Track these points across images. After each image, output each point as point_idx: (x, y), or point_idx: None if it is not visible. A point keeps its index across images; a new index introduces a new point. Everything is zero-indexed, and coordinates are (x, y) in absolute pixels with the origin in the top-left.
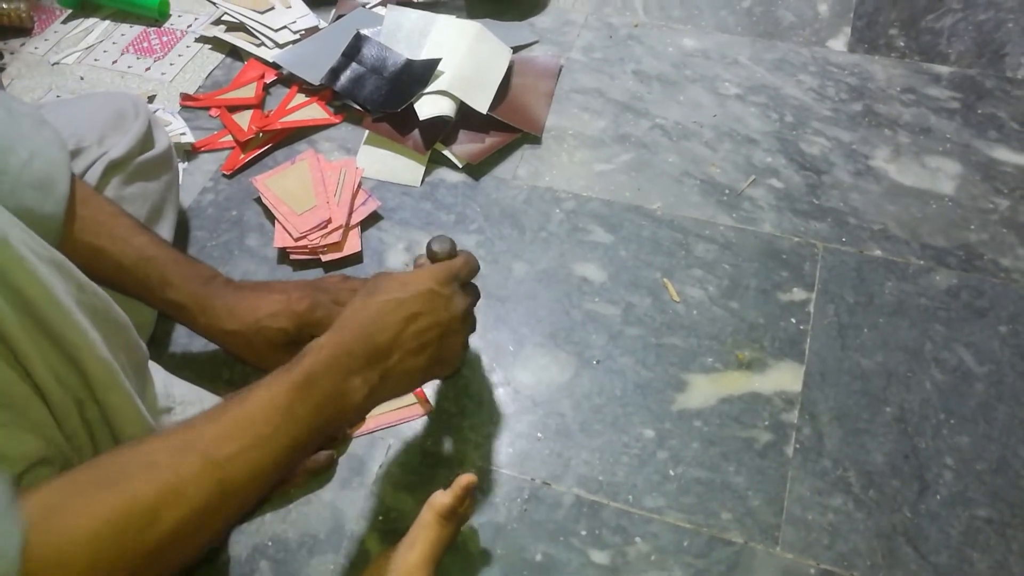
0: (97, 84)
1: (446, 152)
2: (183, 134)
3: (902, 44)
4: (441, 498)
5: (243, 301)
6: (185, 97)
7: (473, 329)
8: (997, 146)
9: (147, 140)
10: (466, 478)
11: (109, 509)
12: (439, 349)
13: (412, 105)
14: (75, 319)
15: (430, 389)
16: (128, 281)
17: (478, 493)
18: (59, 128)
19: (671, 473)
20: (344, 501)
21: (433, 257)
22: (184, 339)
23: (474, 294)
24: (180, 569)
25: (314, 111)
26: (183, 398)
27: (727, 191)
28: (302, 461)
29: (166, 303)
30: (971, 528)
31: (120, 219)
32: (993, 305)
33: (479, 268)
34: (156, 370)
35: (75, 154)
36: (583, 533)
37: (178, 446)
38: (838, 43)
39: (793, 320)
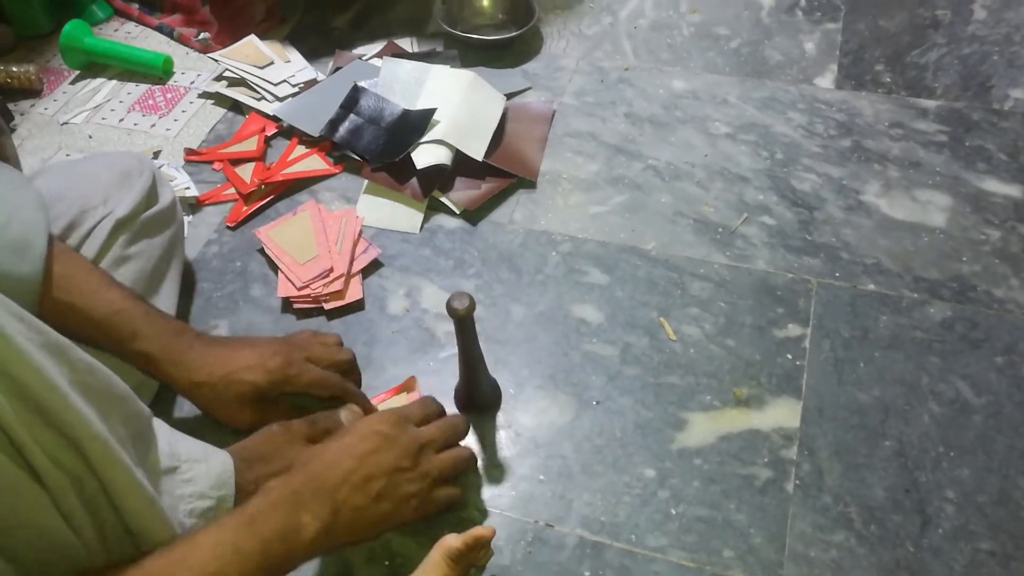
0: (105, 142)
1: (444, 199)
2: (187, 188)
3: (888, 80)
4: (451, 540)
5: (214, 354)
6: (189, 152)
7: (446, 473)
8: (986, 177)
9: (151, 196)
10: (482, 530)
11: None
12: (392, 487)
13: (409, 154)
14: (71, 402)
15: None
16: (99, 335)
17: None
18: (65, 189)
19: (673, 512)
20: (350, 548)
21: (453, 314)
22: None
23: (459, 456)
24: None
25: (314, 162)
26: (189, 455)
27: (720, 229)
28: None
29: (135, 355)
30: (974, 561)
31: (92, 275)
32: (988, 336)
33: (439, 408)
34: (161, 428)
35: (81, 215)
36: (587, 574)
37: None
38: (825, 80)
39: (789, 356)
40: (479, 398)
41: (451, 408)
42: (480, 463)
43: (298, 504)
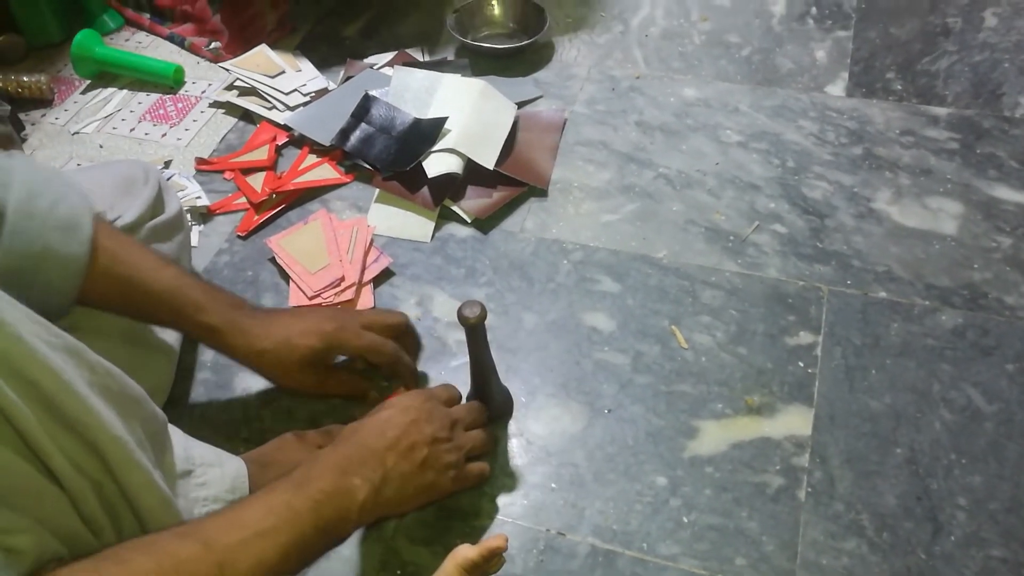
0: (116, 151)
1: (455, 208)
2: (198, 198)
3: (899, 87)
4: (466, 551)
5: (273, 323)
6: (200, 161)
7: (476, 450)
8: (997, 185)
9: (158, 204)
10: (496, 540)
11: None
12: (430, 456)
13: (421, 163)
14: (90, 404)
15: None
16: (160, 309)
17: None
18: None
19: (684, 520)
20: (362, 555)
21: (464, 322)
22: (202, 399)
23: (485, 436)
24: None
25: (325, 171)
26: (203, 459)
27: (732, 238)
28: (314, 561)
29: (200, 327)
30: (986, 568)
31: (147, 252)
32: (999, 343)
33: (459, 395)
34: (175, 433)
35: None
36: None
37: (180, 533)
38: (836, 88)
39: (801, 364)
40: (491, 407)
41: None
42: (491, 471)
43: (348, 469)
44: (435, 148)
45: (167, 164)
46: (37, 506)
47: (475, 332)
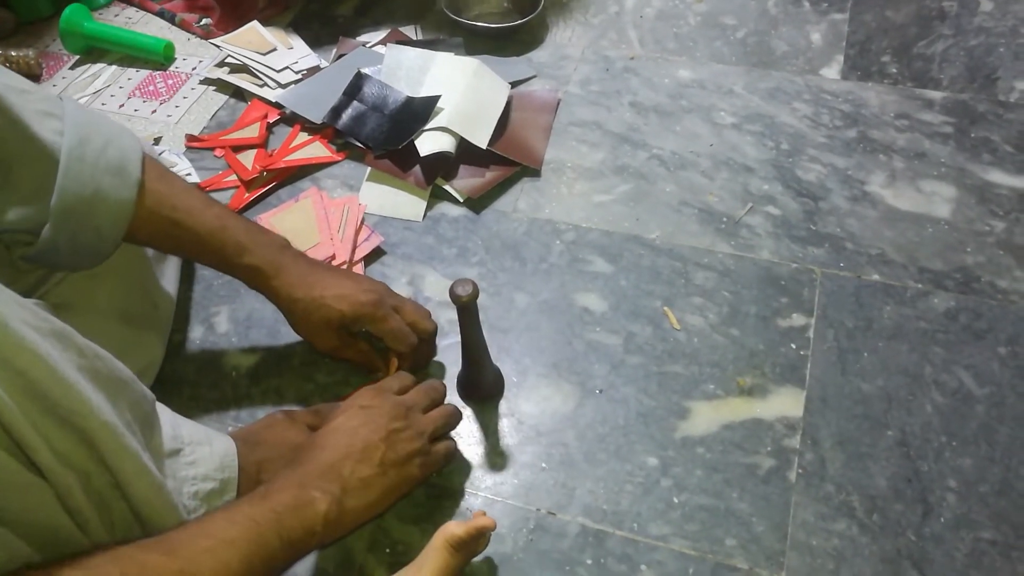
0: None
1: (447, 187)
2: (189, 174)
3: (894, 71)
4: (454, 528)
5: (316, 273)
6: (190, 138)
7: (439, 430)
8: (991, 169)
9: None
10: (484, 520)
11: None
12: (390, 453)
13: (413, 142)
14: (78, 389)
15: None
16: (205, 249)
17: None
18: None
19: (675, 500)
20: (352, 535)
21: (456, 300)
22: (192, 377)
23: (445, 414)
24: None
25: (317, 149)
26: (191, 438)
27: (725, 219)
28: (281, 573)
29: (242, 268)
30: (976, 550)
31: (194, 193)
32: (992, 327)
33: (413, 381)
34: (163, 412)
35: None
36: (589, 562)
37: (147, 544)
38: (831, 71)
39: (793, 346)
40: (482, 386)
41: (453, 395)
42: (482, 451)
43: (306, 483)
44: (428, 127)
45: (157, 141)
46: (20, 500)
47: (467, 311)
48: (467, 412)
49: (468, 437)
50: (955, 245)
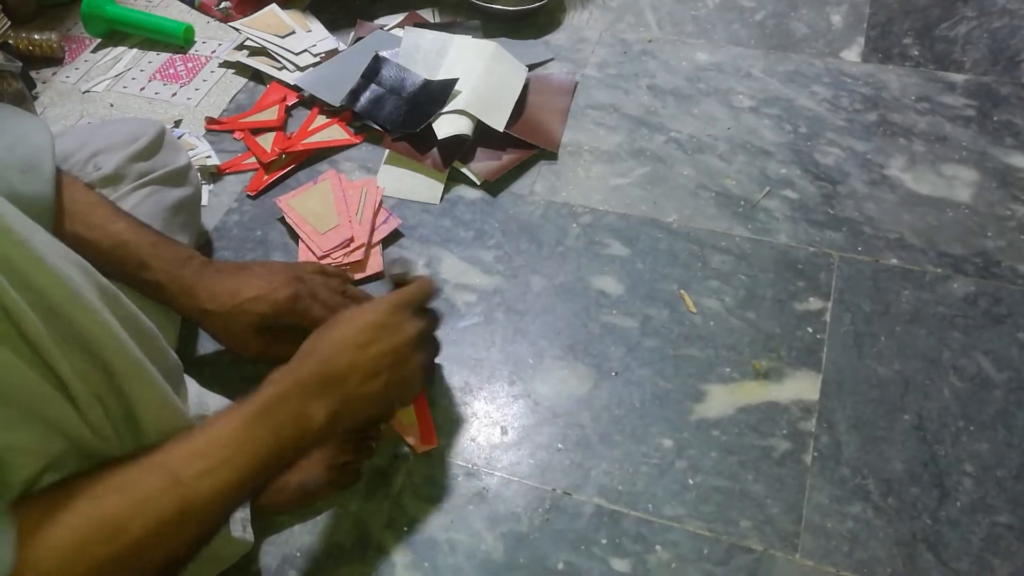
0: (126, 110)
1: (464, 170)
2: (208, 157)
3: (916, 53)
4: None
5: (223, 283)
6: (210, 121)
7: (435, 352)
8: (1014, 153)
9: (152, 151)
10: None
11: (84, 522)
12: (395, 373)
13: (431, 124)
14: (100, 316)
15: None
16: (108, 266)
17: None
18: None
19: (690, 482)
20: (369, 512)
21: (395, 280)
22: (211, 357)
23: (431, 319)
24: None
25: (335, 132)
26: (217, 407)
27: (742, 203)
28: (270, 484)
29: (144, 284)
30: (992, 534)
31: (98, 206)
32: (1011, 312)
33: (434, 292)
34: (190, 382)
35: (72, 165)
36: (604, 542)
37: (147, 465)
38: (851, 54)
39: (810, 329)
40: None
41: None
42: (498, 431)
43: (306, 394)
44: (445, 110)
45: (177, 123)
46: (44, 411)
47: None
48: (482, 393)
49: (484, 418)
50: (975, 229)
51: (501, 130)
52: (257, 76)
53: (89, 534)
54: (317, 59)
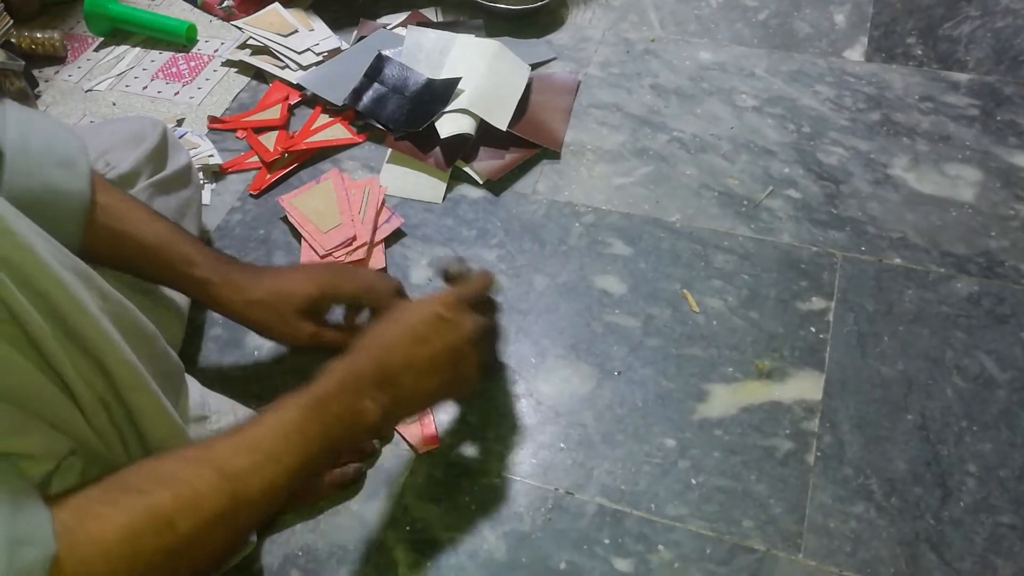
0: (129, 109)
1: (467, 169)
2: (211, 156)
3: (920, 52)
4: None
5: (267, 276)
6: (212, 120)
7: (495, 345)
8: (1017, 152)
9: (158, 157)
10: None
11: (128, 516)
12: (452, 372)
13: (433, 124)
14: (100, 324)
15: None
16: (151, 261)
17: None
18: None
19: (693, 482)
20: (372, 512)
21: (448, 279)
22: (214, 356)
23: (491, 311)
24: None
25: (338, 131)
26: (218, 408)
27: (745, 202)
28: (317, 476)
29: (189, 280)
30: (995, 535)
31: (139, 206)
32: (1015, 312)
33: (494, 285)
34: (192, 382)
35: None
36: (606, 541)
37: (195, 460)
38: (855, 53)
39: (812, 329)
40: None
41: None
42: (501, 431)
43: (360, 389)
44: (448, 109)
45: (180, 122)
46: (50, 412)
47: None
48: (484, 393)
49: (486, 418)
50: (979, 229)
51: (504, 129)
52: (260, 75)
53: (135, 527)
54: (320, 58)
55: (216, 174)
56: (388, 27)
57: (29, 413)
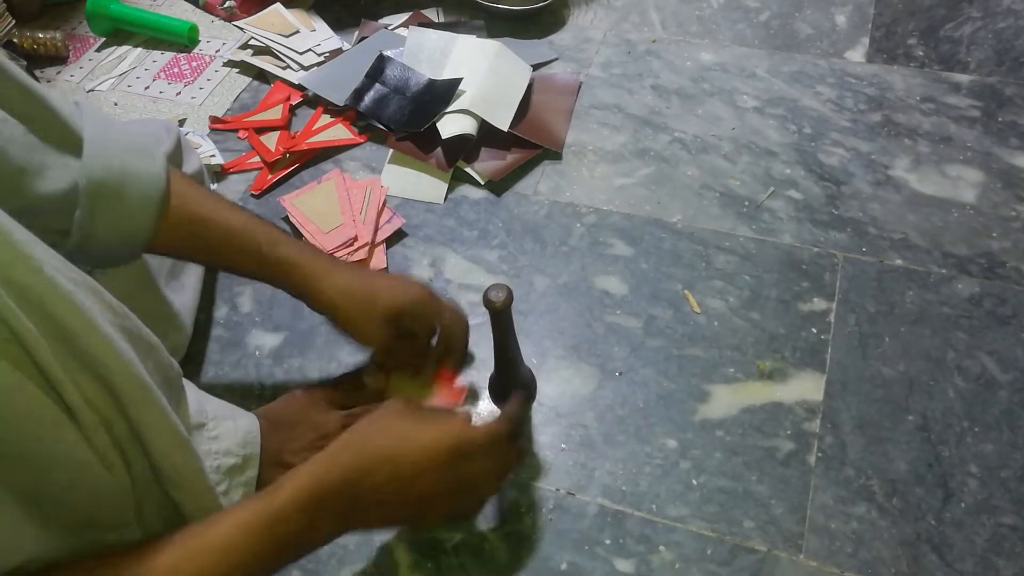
0: (131, 109)
1: (468, 169)
2: (213, 156)
3: (921, 53)
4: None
5: (358, 271)
6: (214, 120)
7: (505, 479)
8: (1018, 153)
9: (176, 161)
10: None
11: None
12: (420, 514)
13: (435, 124)
14: (110, 340)
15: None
16: (235, 245)
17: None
18: None
19: (694, 482)
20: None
21: (490, 306)
22: (216, 356)
23: (515, 452)
24: None
25: (339, 131)
26: (216, 413)
27: (746, 203)
28: None
29: (277, 261)
30: (996, 535)
31: (211, 194)
32: (1016, 312)
33: (520, 421)
34: (190, 388)
35: None
36: (607, 542)
37: (138, 558)
38: (856, 54)
39: (814, 330)
40: (514, 391)
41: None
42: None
43: (323, 511)
44: (449, 109)
45: (181, 122)
46: (52, 435)
47: (500, 316)
48: (485, 393)
49: (487, 418)
50: (980, 230)
51: (505, 130)
52: (261, 75)
53: None
54: (321, 58)
55: (218, 174)
56: (390, 27)
57: (31, 441)
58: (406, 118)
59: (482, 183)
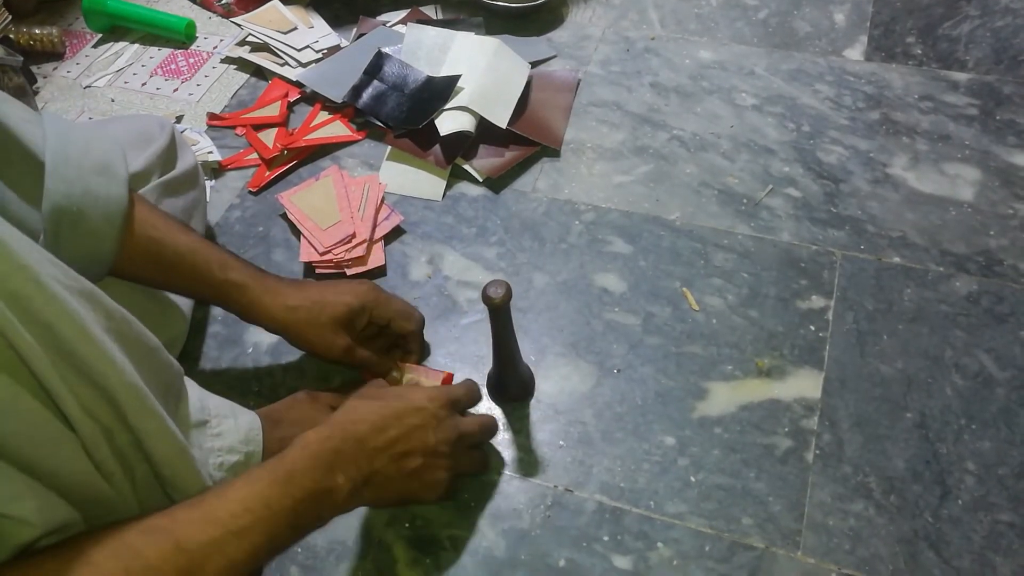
0: (127, 106)
1: (467, 166)
2: (210, 153)
3: (919, 52)
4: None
5: (306, 286)
6: (212, 117)
7: (475, 459)
8: (1016, 152)
9: (169, 156)
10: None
11: None
12: (423, 468)
13: (433, 121)
14: (105, 349)
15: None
16: (187, 268)
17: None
18: None
19: (692, 479)
20: (371, 509)
21: (489, 303)
22: (214, 353)
23: (479, 433)
24: None
25: (337, 128)
26: (218, 411)
27: (745, 201)
28: (278, 556)
29: (226, 284)
30: (994, 532)
31: (168, 216)
32: (1014, 310)
33: (480, 398)
34: (191, 385)
35: None
36: (605, 539)
37: (156, 531)
38: (855, 52)
39: (812, 328)
40: (512, 387)
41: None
42: (500, 428)
43: (334, 464)
44: (448, 106)
45: (179, 119)
46: (51, 448)
47: (499, 313)
48: (484, 391)
49: (486, 414)
50: (978, 228)
51: (504, 127)
52: (259, 72)
53: None
54: (319, 55)
55: (215, 171)
56: (388, 24)
57: (29, 478)
58: (404, 115)
59: (480, 180)
